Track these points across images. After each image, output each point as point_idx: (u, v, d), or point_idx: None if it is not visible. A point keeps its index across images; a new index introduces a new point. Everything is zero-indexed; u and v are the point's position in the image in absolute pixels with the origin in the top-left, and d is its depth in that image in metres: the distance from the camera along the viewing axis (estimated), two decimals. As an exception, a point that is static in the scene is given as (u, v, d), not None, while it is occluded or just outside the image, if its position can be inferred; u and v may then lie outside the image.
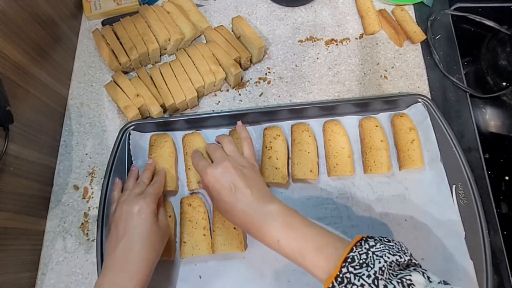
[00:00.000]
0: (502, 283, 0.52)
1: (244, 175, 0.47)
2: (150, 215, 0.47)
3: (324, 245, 0.41)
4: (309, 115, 0.61)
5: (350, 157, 0.57)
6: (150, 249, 0.45)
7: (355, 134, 0.60)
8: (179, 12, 0.68)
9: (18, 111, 0.52)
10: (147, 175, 0.55)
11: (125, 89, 0.61)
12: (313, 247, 0.41)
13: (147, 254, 0.45)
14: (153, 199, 0.49)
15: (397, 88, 0.65)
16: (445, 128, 0.57)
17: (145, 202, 0.47)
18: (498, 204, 0.56)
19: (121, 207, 0.48)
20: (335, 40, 0.70)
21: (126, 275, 0.43)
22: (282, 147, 0.58)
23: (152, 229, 0.46)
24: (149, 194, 0.49)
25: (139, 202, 0.47)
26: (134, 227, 0.46)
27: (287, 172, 0.57)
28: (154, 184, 0.53)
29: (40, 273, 0.55)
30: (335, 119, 0.61)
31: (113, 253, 0.45)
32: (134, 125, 0.59)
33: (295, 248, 0.42)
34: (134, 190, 0.51)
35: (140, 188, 0.51)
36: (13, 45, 0.52)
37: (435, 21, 0.70)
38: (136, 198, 0.48)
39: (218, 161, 0.49)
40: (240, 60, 0.64)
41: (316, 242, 0.41)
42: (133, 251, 0.44)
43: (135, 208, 0.47)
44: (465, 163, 0.55)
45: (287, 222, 0.44)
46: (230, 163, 0.48)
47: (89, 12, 0.70)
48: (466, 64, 0.67)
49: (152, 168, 0.57)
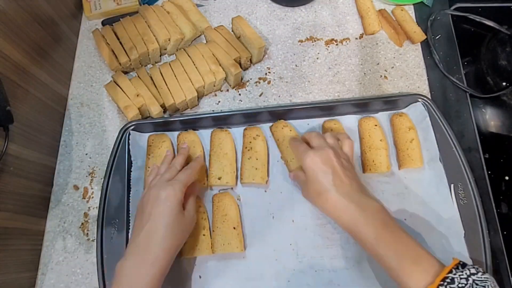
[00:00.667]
0: (502, 283, 0.52)
1: (344, 166, 0.48)
2: (176, 203, 0.46)
3: (421, 258, 0.41)
4: (309, 115, 0.61)
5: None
6: (172, 238, 0.45)
7: (355, 134, 0.60)
8: (179, 12, 0.68)
9: (18, 111, 0.52)
10: (180, 160, 0.53)
11: (125, 89, 0.61)
12: (411, 256, 0.42)
13: (169, 242, 0.45)
14: (181, 187, 0.47)
15: (397, 88, 0.65)
16: (445, 128, 0.57)
17: (173, 189, 0.46)
18: (498, 204, 0.56)
19: (149, 192, 0.47)
20: (335, 40, 0.70)
21: (147, 261, 0.43)
22: (262, 147, 0.58)
23: (177, 218, 0.46)
24: (178, 181, 0.48)
25: (166, 189, 0.46)
26: (158, 213, 0.45)
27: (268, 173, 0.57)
28: (186, 170, 0.51)
29: (40, 273, 0.55)
30: (334, 119, 0.61)
31: (136, 237, 0.45)
32: (134, 125, 0.59)
33: (390, 251, 0.42)
34: (164, 175, 0.50)
35: (171, 174, 0.50)
36: (13, 45, 0.52)
37: (435, 21, 0.70)
38: (164, 184, 0.47)
39: (321, 147, 0.49)
40: (240, 60, 0.64)
41: (414, 253, 0.42)
42: (155, 238, 0.44)
43: (162, 194, 0.46)
44: (465, 163, 0.55)
45: (386, 222, 0.44)
46: (332, 152, 0.48)
47: (89, 12, 0.70)
48: (466, 64, 0.67)
49: (185, 152, 0.55)
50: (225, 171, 0.57)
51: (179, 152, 0.55)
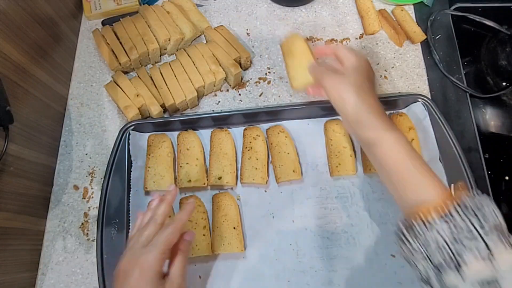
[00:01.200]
0: (502, 283, 0.52)
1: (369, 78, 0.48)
2: (152, 276, 0.39)
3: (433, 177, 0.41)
4: (309, 115, 0.61)
5: (352, 156, 0.57)
6: None
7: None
8: (179, 12, 0.68)
9: (18, 111, 0.52)
10: (161, 211, 0.44)
11: (125, 89, 0.61)
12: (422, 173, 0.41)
13: None
14: (157, 254, 0.39)
15: (397, 88, 0.65)
16: (445, 128, 0.57)
17: (147, 260, 0.39)
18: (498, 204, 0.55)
19: (123, 261, 0.40)
20: (335, 40, 0.70)
21: None
22: (262, 147, 0.58)
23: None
24: (154, 248, 0.40)
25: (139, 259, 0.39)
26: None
27: (268, 173, 0.57)
28: (166, 229, 0.42)
29: (40, 273, 0.55)
30: (336, 119, 0.61)
31: None
32: (134, 125, 0.59)
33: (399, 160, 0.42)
34: (140, 237, 0.41)
35: (148, 232, 0.42)
36: (13, 45, 0.52)
37: (435, 21, 0.70)
38: (139, 252, 0.40)
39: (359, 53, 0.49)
40: (240, 60, 0.64)
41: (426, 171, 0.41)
42: None
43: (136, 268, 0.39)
44: (465, 163, 0.55)
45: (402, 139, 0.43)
46: None
47: (89, 12, 0.70)
48: (466, 64, 0.67)
49: (170, 199, 0.45)
50: (225, 171, 0.57)
51: (163, 198, 0.45)
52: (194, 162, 0.58)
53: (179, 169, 0.57)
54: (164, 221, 0.43)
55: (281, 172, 0.57)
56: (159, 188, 0.56)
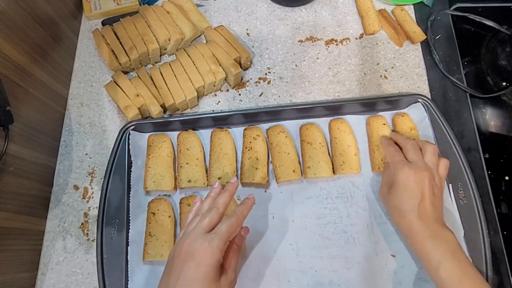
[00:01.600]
0: (502, 283, 0.52)
1: (435, 194, 0.47)
2: (211, 267, 0.38)
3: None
4: (309, 115, 0.61)
5: (356, 155, 0.58)
6: None
7: (360, 133, 0.60)
8: (179, 12, 0.68)
9: (18, 111, 0.52)
10: (224, 200, 0.43)
11: (125, 89, 0.61)
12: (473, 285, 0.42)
13: None
14: (221, 244, 0.39)
15: (397, 88, 0.65)
16: (445, 128, 0.57)
17: (210, 246, 0.38)
18: (498, 204, 0.56)
19: (182, 243, 0.40)
20: (335, 40, 0.70)
21: None
22: (262, 147, 0.58)
23: None
24: (218, 237, 0.39)
25: (202, 246, 0.38)
26: (188, 280, 0.37)
27: (268, 173, 0.57)
28: (230, 219, 0.41)
29: (40, 273, 0.55)
30: (341, 118, 0.61)
31: None
32: (134, 125, 0.59)
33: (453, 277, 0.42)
34: (202, 222, 0.41)
35: (210, 219, 0.41)
36: (13, 45, 0.52)
37: (435, 21, 0.70)
38: (201, 237, 0.39)
39: (418, 166, 0.48)
40: (240, 60, 0.64)
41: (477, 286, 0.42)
42: None
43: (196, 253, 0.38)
44: (465, 163, 0.55)
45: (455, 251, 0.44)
46: (428, 174, 0.47)
47: (89, 12, 0.70)
48: (466, 64, 0.67)
49: (233, 189, 0.45)
50: (225, 171, 0.57)
51: (226, 188, 0.45)
52: (194, 162, 0.58)
53: (179, 169, 0.57)
54: (225, 211, 0.43)
55: (281, 172, 0.57)
56: (159, 188, 0.56)
